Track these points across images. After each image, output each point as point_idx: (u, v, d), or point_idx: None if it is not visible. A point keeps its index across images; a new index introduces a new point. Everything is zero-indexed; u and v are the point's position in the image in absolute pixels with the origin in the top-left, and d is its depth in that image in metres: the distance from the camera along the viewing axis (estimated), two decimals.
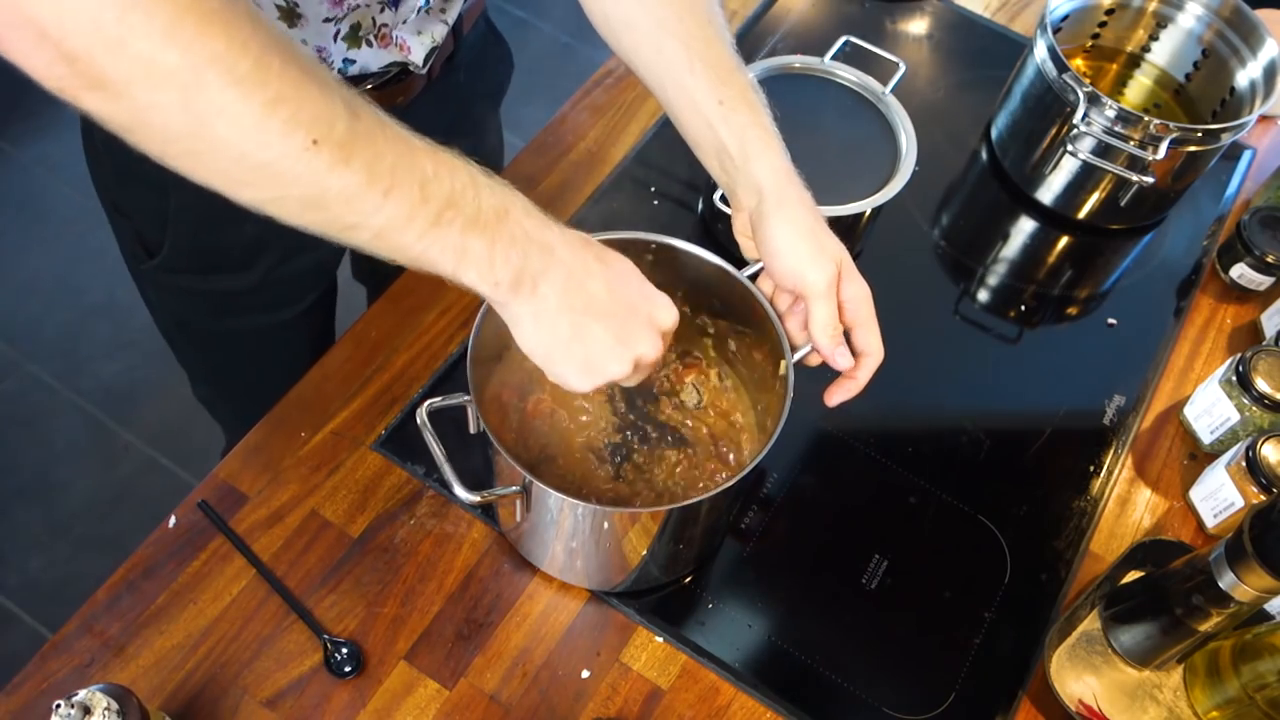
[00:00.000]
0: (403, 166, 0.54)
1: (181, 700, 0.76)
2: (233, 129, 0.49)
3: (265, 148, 0.50)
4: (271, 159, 0.50)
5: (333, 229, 0.55)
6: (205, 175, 0.52)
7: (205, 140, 0.49)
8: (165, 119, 0.48)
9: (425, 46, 0.83)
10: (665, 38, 0.73)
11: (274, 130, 0.49)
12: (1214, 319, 1.06)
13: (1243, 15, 1.06)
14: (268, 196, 0.53)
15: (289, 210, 0.54)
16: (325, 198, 0.52)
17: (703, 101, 0.72)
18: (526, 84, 1.18)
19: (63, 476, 1.77)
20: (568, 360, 0.63)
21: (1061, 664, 0.80)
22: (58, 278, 1.98)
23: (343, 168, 0.52)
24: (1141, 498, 0.94)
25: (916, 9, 1.27)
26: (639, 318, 0.65)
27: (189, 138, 0.49)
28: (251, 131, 0.49)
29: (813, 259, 0.69)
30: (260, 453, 0.86)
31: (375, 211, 0.54)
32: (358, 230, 0.55)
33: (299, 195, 0.52)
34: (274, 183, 0.52)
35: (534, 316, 0.61)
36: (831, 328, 0.71)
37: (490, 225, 0.57)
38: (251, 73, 0.48)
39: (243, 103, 0.48)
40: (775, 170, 0.71)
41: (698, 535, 0.81)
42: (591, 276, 0.63)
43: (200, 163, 0.51)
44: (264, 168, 0.51)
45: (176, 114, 0.48)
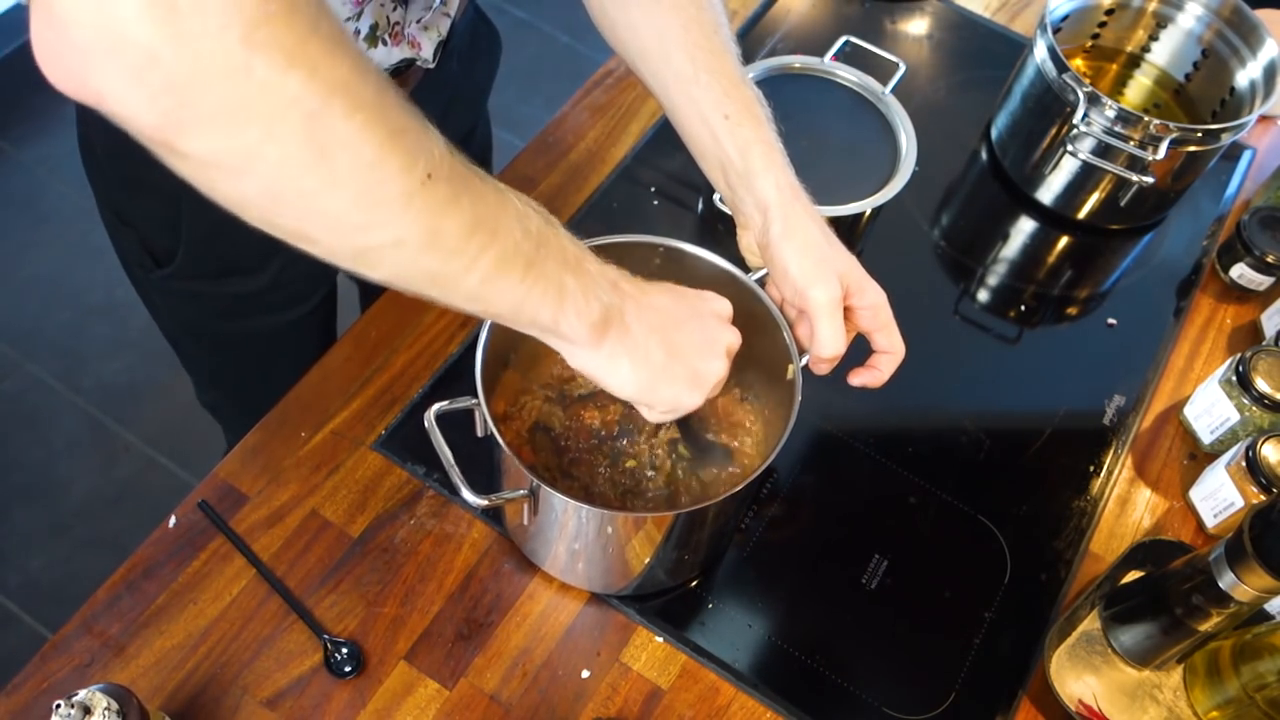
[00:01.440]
0: (497, 203, 0.52)
1: (181, 700, 0.76)
2: (354, 162, 0.45)
3: (386, 183, 0.46)
4: (391, 196, 0.47)
5: (443, 277, 0.52)
6: (315, 225, 0.48)
7: (323, 177, 0.45)
8: (283, 153, 0.44)
9: (433, 41, 0.83)
10: (672, 48, 0.73)
11: (395, 164, 0.46)
12: (1214, 319, 1.06)
13: (1243, 15, 1.06)
14: (384, 240, 0.49)
15: (405, 257, 0.50)
16: (439, 238, 0.50)
17: (709, 114, 0.72)
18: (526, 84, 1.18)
19: (63, 476, 1.77)
20: (673, 381, 0.63)
21: (1061, 664, 0.80)
22: (58, 278, 1.98)
23: (455, 203, 0.49)
24: (1141, 498, 0.94)
25: (916, 9, 1.27)
26: (705, 313, 0.65)
27: (306, 174, 0.45)
28: (374, 165, 0.46)
29: (817, 277, 0.69)
30: (260, 453, 0.86)
31: (485, 250, 0.51)
32: (467, 275, 0.52)
33: (415, 237, 0.49)
34: (391, 223, 0.48)
35: (631, 351, 0.61)
36: (832, 347, 0.71)
37: (573, 263, 0.56)
38: (374, 100, 0.45)
39: (366, 133, 0.45)
40: (780, 187, 0.71)
41: (704, 540, 0.81)
42: (649, 294, 0.63)
43: (313, 207, 0.47)
44: (382, 206, 0.47)
45: (297, 147, 0.43)
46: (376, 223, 0.48)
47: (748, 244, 0.76)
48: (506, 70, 1.12)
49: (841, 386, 0.77)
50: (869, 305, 0.72)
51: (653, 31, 0.74)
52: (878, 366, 0.75)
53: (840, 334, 0.71)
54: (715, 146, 0.73)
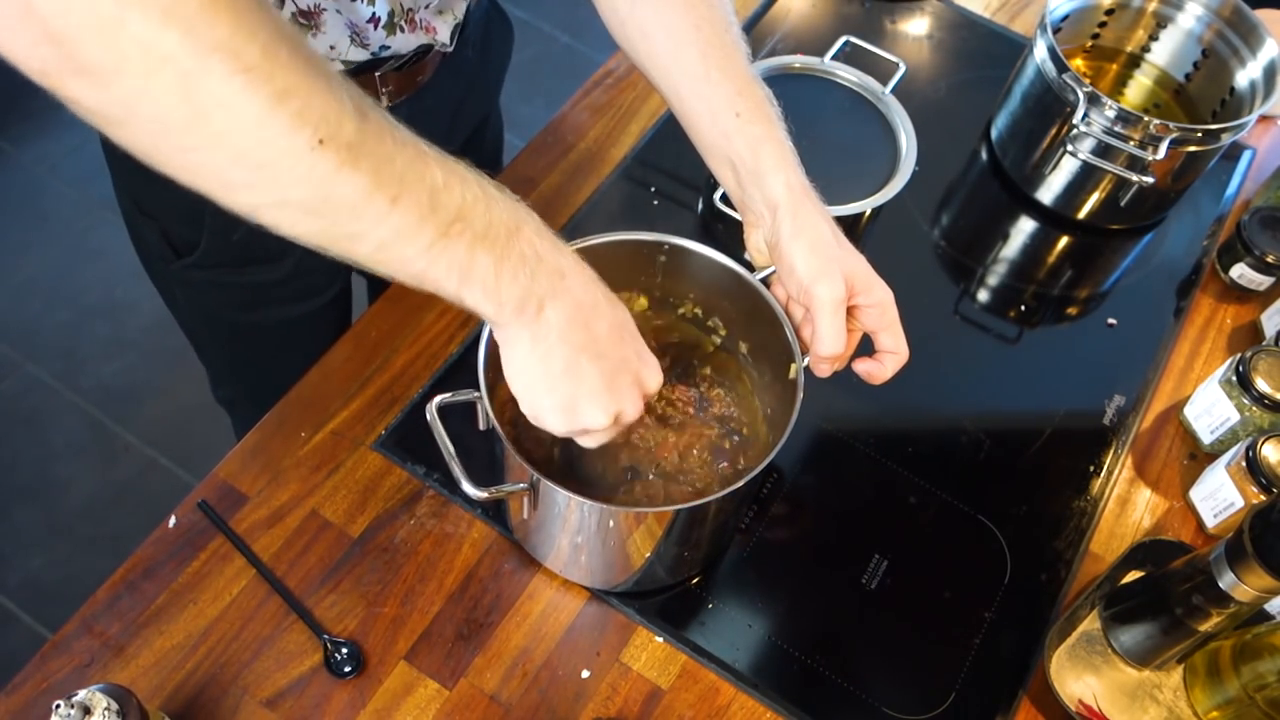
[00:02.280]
0: (412, 174, 0.51)
1: (181, 700, 0.76)
2: (233, 123, 0.45)
3: (267, 145, 0.46)
4: (273, 157, 0.47)
5: (332, 239, 0.51)
6: (197, 176, 0.48)
7: (202, 135, 0.46)
8: (159, 109, 0.44)
9: (449, 25, 0.83)
10: (682, 46, 0.73)
11: (278, 126, 0.46)
12: (1214, 319, 1.06)
13: (1243, 15, 1.06)
14: (266, 200, 0.49)
15: (287, 217, 0.50)
16: (328, 203, 0.49)
17: (720, 112, 0.72)
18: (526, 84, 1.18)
19: (63, 476, 1.77)
20: (551, 394, 0.61)
21: (1061, 664, 0.80)
22: (58, 278, 1.98)
23: (350, 170, 0.48)
24: (1141, 498, 0.94)
25: (916, 9, 1.27)
26: (629, 372, 0.63)
27: (183, 131, 0.45)
28: (254, 126, 0.45)
29: (822, 274, 0.69)
30: (260, 453, 0.87)
31: (380, 221, 0.50)
32: (359, 241, 0.51)
33: (300, 199, 0.49)
34: (274, 185, 0.48)
35: (532, 341, 0.58)
36: (832, 346, 0.71)
37: (500, 241, 0.54)
38: (259, 63, 0.44)
39: (247, 94, 0.44)
40: (790, 186, 0.71)
41: (705, 537, 0.81)
42: (598, 316, 0.60)
43: (193, 161, 0.47)
44: (264, 167, 0.47)
45: (173, 104, 0.44)
46: (259, 182, 0.48)
47: (755, 243, 0.76)
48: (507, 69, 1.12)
49: (842, 387, 0.77)
50: (875, 303, 0.72)
51: (663, 29, 0.74)
52: (881, 362, 0.75)
53: (841, 333, 0.70)
54: (725, 144, 0.73)
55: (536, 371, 0.60)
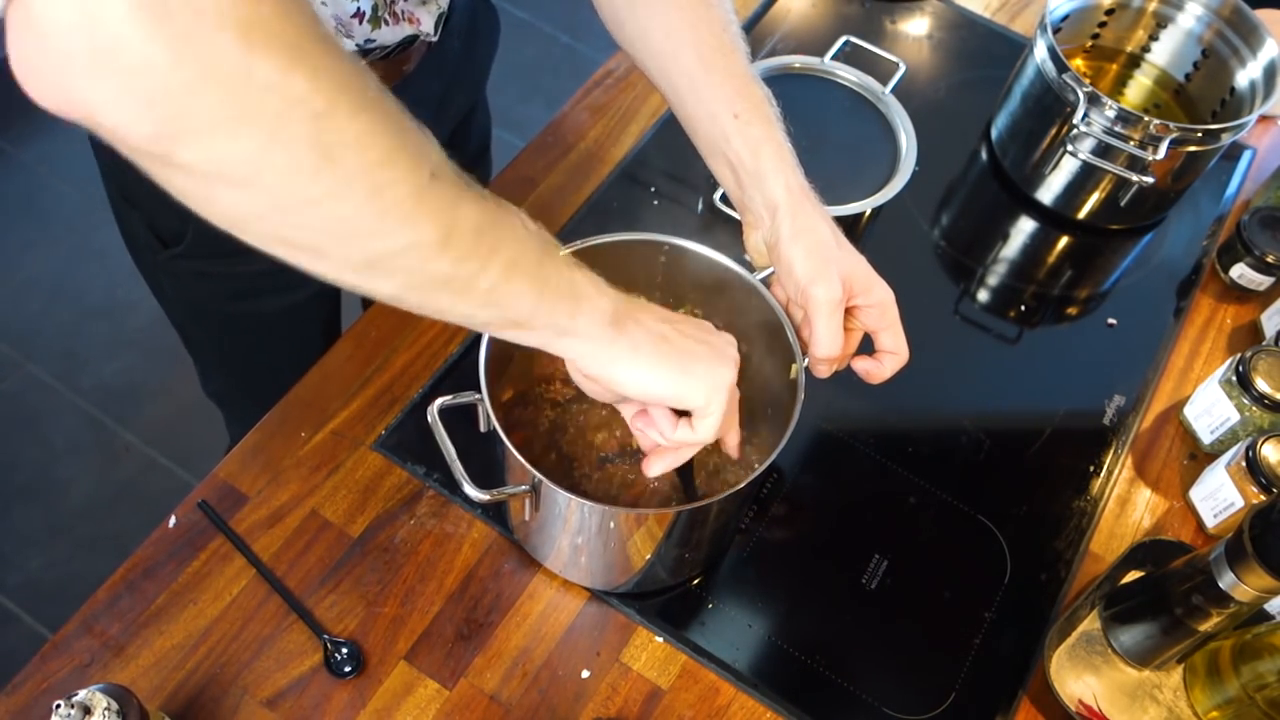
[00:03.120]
0: (495, 202, 0.51)
1: (181, 700, 0.76)
2: (362, 162, 0.43)
3: (395, 184, 0.45)
4: (402, 197, 0.45)
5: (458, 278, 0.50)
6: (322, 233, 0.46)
7: (332, 181, 0.43)
8: (290, 158, 0.41)
9: (433, 15, 0.83)
10: (681, 46, 0.73)
11: (403, 163, 0.45)
12: (1214, 319, 1.06)
13: (1243, 15, 1.06)
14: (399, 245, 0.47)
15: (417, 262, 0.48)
16: (452, 238, 0.48)
17: (719, 113, 0.72)
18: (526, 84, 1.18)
19: (63, 476, 1.78)
20: (701, 358, 0.62)
21: (1061, 664, 0.80)
22: (58, 278, 1.98)
23: (463, 202, 0.48)
24: (1141, 498, 0.94)
25: (916, 9, 1.27)
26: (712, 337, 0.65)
27: (313, 180, 0.43)
28: (381, 164, 0.44)
29: (820, 275, 0.69)
30: (260, 453, 0.87)
31: (495, 251, 0.50)
32: (481, 277, 0.50)
33: (429, 240, 0.48)
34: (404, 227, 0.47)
35: (650, 341, 0.60)
36: (829, 347, 0.71)
37: (574, 262, 0.56)
38: (376, 99, 0.44)
39: (373, 132, 0.43)
40: (790, 187, 0.71)
41: (705, 539, 0.81)
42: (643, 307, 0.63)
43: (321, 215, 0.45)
44: (393, 209, 0.45)
45: (302, 151, 0.41)
46: (388, 228, 0.46)
47: (755, 244, 0.76)
48: (507, 70, 1.12)
49: (842, 387, 0.77)
50: (875, 303, 0.72)
51: (662, 30, 0.74)
52: (880, 361, 0.75)
53: (837, 334, 0.70)
54: (725, 145, 0.73)
55: (674, 356, 0.61)
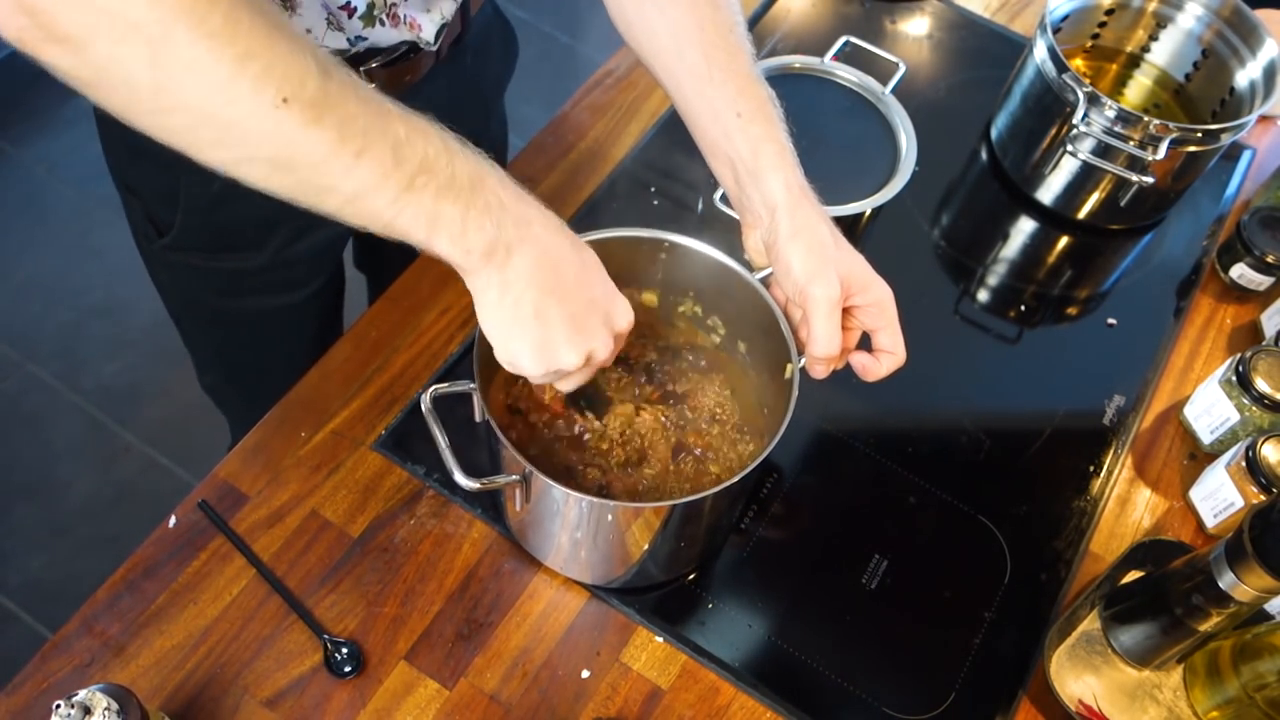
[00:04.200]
0: (375, 129, 0.53)
1: (181, 700, 0.76)
2: (200, 85, 0.48)
3: (233, 104, 0.49)
4: (240, 117, 0.49)
5: (304, 193, 0.54)
6: (171, 135, 0.51)
7: (172, 97, 0.48)
8: (130, 74, 0.47)
9: (435, 23, 0.83)
10: (686, 46, 0.74)
11: (243, 87, 0.48)
12: (1214, 319, 1.06)
13: (1243, 15, 1.06)
14: (236, 157, 0.52)
15: (257, 172, 0.53)
16: (295, 159, 0.52)
17: (721, 112, 0.73)
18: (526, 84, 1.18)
19: (63, 476, 1.78)
20: (524, 338, 0.62)
21: (1061, 664, 0.80)
22: (58, 278, 1.98)
23: (314, 127, 0.51)
24: (1141, 498, 0.94)
25: (916, 9, 1.27)
26: (598, 312, 0.65)
27: (154, 94, 0.48)
28: (220, 88, 0.48)
29: (817, 275, 0.69)
30: (260, 453, 0.87)
31: (346, 174, 0.53)
32: (329, 195, 0.54)
33: (268, 156, 0.52)
34: (242, 142, 0.51)
35: (501, 287, 0.60)
36: (826, 346, 0.71)
37: (464, 191, 0.57)
38: (222, 27, 0.47)
39: (211, 58, 0.47)
40: (789, 186, 0.71)
41: (700, 533, 0.81)
42: (565, 260, 0.62)
43: (166, 121, 0.50)
44: (232, 126, 0.50)
45: (142, 69, 0.47)
46: (228, 140, 0.51)
47: (754, 244, 0.76)
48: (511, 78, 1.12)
49: (842, 387, 0.78)
50: (873, 302, 0.72)
51: (668, 28, 0.74)
52: (877, 359, 0.75)
53: (835, 334, 0.70)
54: (726, 144, 0.73)
55: (508, 316, 0.62)
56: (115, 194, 0.97)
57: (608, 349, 0.66)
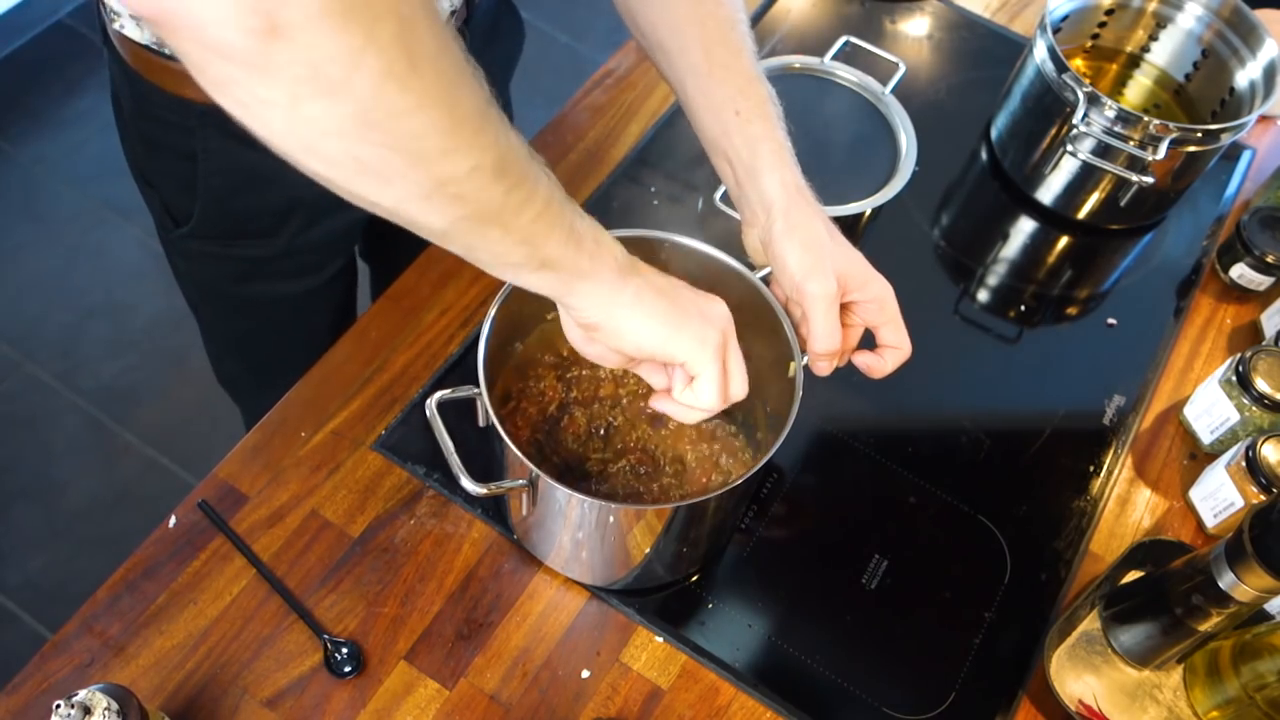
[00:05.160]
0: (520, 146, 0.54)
1: (181, 700, 0.76)
2: (439, 77, 0.46)
3: (464, 101, 0.48)
4: (468, 114, 0.48)
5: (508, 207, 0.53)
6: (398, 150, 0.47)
7: (416, 92, 0.45)
8: (383, 63, 0.43)
9: (445, 9, 0.83)
10: (688, 41, 0.74)
11: (469, 81, 0.48)
12: (1214, 319, 1.06)
13: (1242, 15, 1.06)
14: (465, 167, 0.49)
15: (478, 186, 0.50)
16: (507, 162, 0.52)
17: (721, 109, 0.73)
18: (527, 84, 1.18)
19: (63, 476, 1.77)
20: (681, 331, 0.63)
21: (1061, 664, 0.80)
22: (58, 278, 1.98)
23: (511, 131, 0.52)
24: (1141, 498, 0.94)
25: (916, 9, 1.27)
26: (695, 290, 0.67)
27: (401, 89, 0.44)
28: (455, 82, 0.47)
29: (814, 272, 0.70)
30: (260, 453, 0.87)
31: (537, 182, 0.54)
32: (526, 208, 0.54)
33: (490, 163, 0.50)
34: (470, 147, 0.49)
35: (642, 297, 0.62)
36: (827, 342, 0.71)
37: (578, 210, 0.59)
38: (441, 23, 0.46)
39: (446, 46, 0.47)
40: (785, 185, 0.71)
41: (704, 535, 0.81)
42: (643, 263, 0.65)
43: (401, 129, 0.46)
44: (463, 126, 0.48)
45: (394, 55, 0.43)
46: (458, 146, 0.48)
47: (751, 242, 0.76)
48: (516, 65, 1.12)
49: (842, 386, 0.78)
50: (873, 298, 0.72)
51: (670, 25, 0.74)
52: (882, 356, 0.75)
53: (835, 330, 0.71)
54: (725, 141, 0.73)
55: (670, 310, 0.63)
56: (116, 194, 0.97)
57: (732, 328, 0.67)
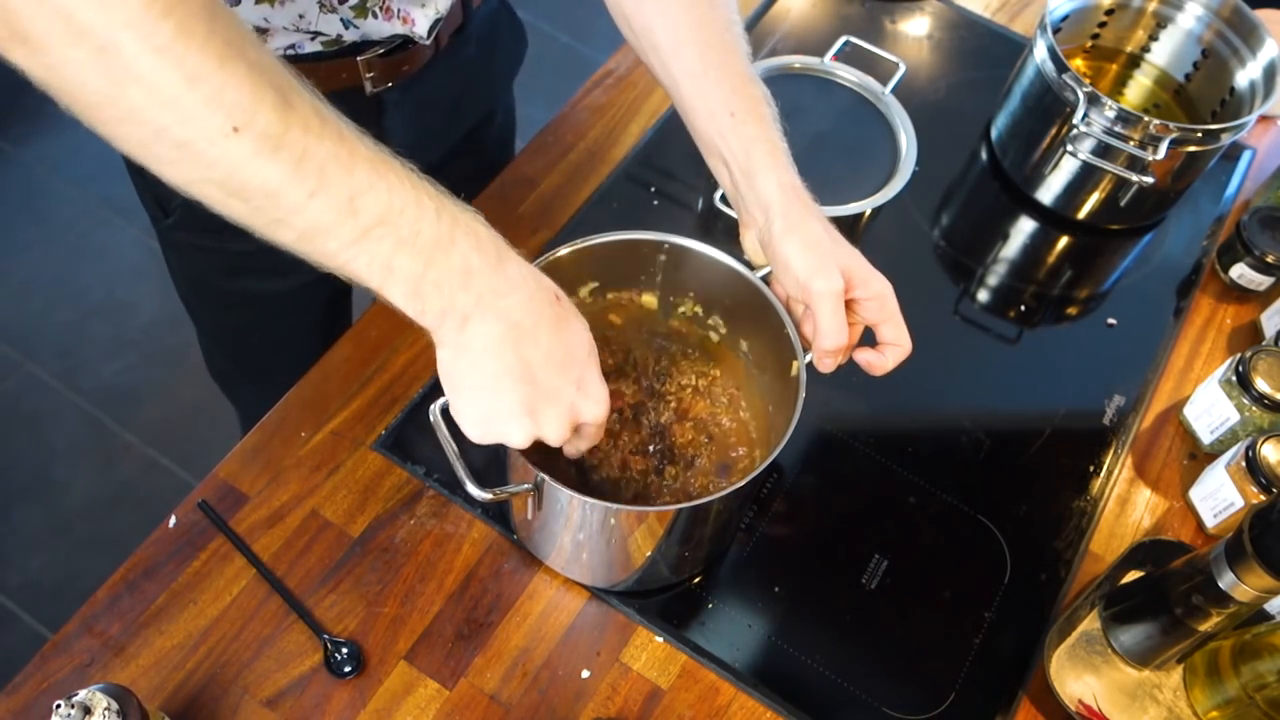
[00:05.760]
0: (335, 171, 0.52)
1: (181, 700, 0.76)
2: (149, 100, 0.47)
3: (182, 125, 0.48)
4: (189, 138, 0.48)
5: (257, 222, 0.53)
6: (130, 146, 0.50)
7: (124, 108, 0.47)
8: (82, 78, 0.47)
9: (429, 18, 0.83)
10: (682, 43, 0.74)
11: (191, 109, 0.47)
12: (1214, 319, 1.06)
13: (1242, 15, 1.06)
14: (190, 177, 0.51)
15: (212, 195, 0.52)
16: (246, 188, 0.51)
17: (715, 111, 0.73)
18: (527, 84, 1.18)
19: (63, 476, 1.78)
20: (471, 405, 0.61)
21: (1061, 664, 0.80)
22: (58, 278, 1.98)
23: (265, 159, 0.50)
24: (1141, 498, 0.94)
25: (916, 9, 1.27)
26: (561, 402, 0.62)
27: (109, 103, 0.48)
28: (168, 106, 0.47)
29: (818, 269, 0.69)
30: (260, 453, 0.87)
31: (297, 211, 0.52)
32: (282, 228, 0.53)
33: (220, 180, 0.51)
34: (194, 164, 0.50)
35: (455, 350, 0.59)
36: (834, 339, 0.71)
37: (426, 251, 0.55)
38: (171, 43, 0.46)
39: (159, 74, 0.46)
40: (781, 186, 0.71)
41: (706, 537, 0.81)
42: (533, 342, 0.60)
43: (123, 132, 0.49)
44: (183, 146, 0.49)
45: (93, 75, 0.46)
46: (181, 159, 0.50)
47: (750, 243, 0.76)
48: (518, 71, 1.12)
49: (842, 386, 0.78)
50: (874, 296, 0.72)
51: (665, 27, 0.74)
52: (883, 353, 0.75)
53: (842, 326, 0.71)
54: (721, 143, 0.73)
55: (459, 379, 0.60)
56: (116, 194, 0.97)
57: (560, 437, 0.63)
